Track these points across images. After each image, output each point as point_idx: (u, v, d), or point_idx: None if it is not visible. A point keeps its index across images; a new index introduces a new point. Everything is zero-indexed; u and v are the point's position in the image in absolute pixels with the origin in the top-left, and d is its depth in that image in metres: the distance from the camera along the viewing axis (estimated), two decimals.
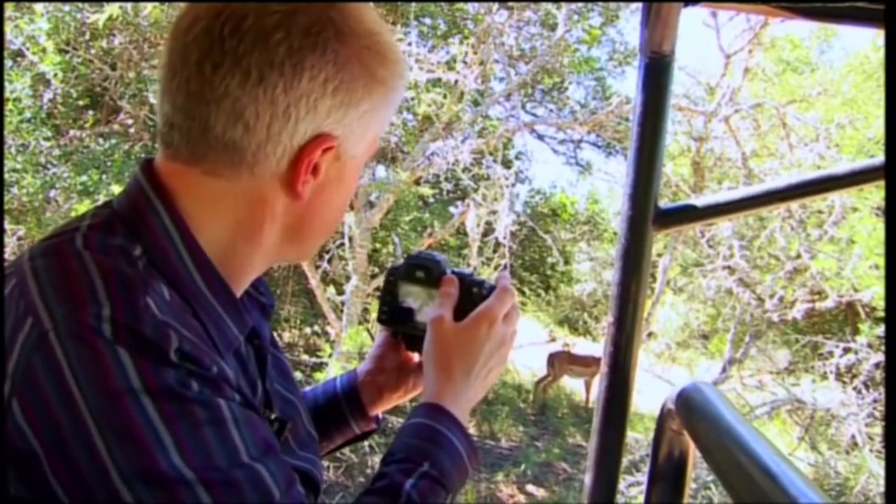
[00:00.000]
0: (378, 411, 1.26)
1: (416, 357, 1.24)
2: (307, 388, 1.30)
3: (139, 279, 0.79)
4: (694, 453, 1.29)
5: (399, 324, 1.19)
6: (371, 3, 0.91)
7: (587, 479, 1.46)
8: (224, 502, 0.75)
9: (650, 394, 9.66)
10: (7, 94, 6.28)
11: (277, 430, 0.96)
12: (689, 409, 1.21)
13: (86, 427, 0.72)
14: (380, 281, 8.40)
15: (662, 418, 1.32)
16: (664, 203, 1.40)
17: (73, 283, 0.77)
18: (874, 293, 7.98)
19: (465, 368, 1.07)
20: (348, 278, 8.16)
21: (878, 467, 8.08)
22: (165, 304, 0.79)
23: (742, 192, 1.47)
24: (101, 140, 7.56)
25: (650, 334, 12.79)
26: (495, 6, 8.04)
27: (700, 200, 1.44)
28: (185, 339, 0.77)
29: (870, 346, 8.60)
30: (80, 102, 7.40)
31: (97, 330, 0.73)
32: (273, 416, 0.97)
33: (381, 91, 0.91)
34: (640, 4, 1.51)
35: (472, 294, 1.13)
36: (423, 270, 1.16)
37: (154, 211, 0.86)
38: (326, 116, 0.87)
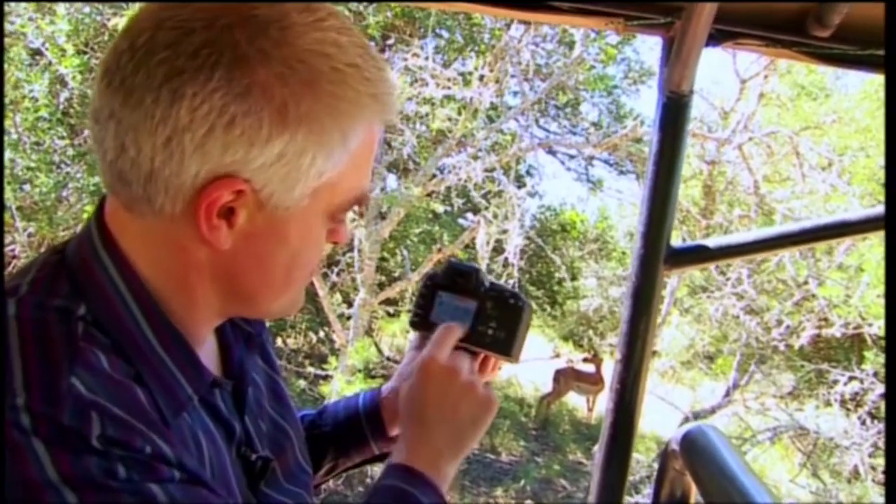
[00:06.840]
0: (398, 432, 1.18)
1: None
2: (329, 402, 1.27)
3: (67, 353, 0.73)
4: (695, 494, 1.30)
5: (430, 329, 1.15)
6: (335, 5, 0.80)
7: None
8: None
9: (652, 415, 9.64)
10: (24, 93, 6.33)
11: (261, 469, 0.94)
12: (692, 451, 1.22)
13: None
14: (388, 293, 8.46)
15: (666, 457, 1.33)
16: (676, 241, 1.41)
17: None
18: (882, 322, 7.94)
19: (431, 421, 1.03)
20: (356, 289, 8.17)
21: (879, 498, 8.02)
22: (96, 379, 0.72)
23: (754, 234, 1.49)
24: None
25: (654, 353, 12.74)
26: (514, 21, 8.05)
27: (712, 241, 1.46)
28: (113, 420, 0.71)
29: (875, 375, 8.57)
30: None
31: (13, 422, 0.68)
32: (254, 457, 0.94)
33: (304, 130, 0.76)
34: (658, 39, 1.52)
35: (508, 306, 1.12)
36: (463, 278, 1.14)
37: (98, 258, 0.81)
38: (222, 155, 0.74)
